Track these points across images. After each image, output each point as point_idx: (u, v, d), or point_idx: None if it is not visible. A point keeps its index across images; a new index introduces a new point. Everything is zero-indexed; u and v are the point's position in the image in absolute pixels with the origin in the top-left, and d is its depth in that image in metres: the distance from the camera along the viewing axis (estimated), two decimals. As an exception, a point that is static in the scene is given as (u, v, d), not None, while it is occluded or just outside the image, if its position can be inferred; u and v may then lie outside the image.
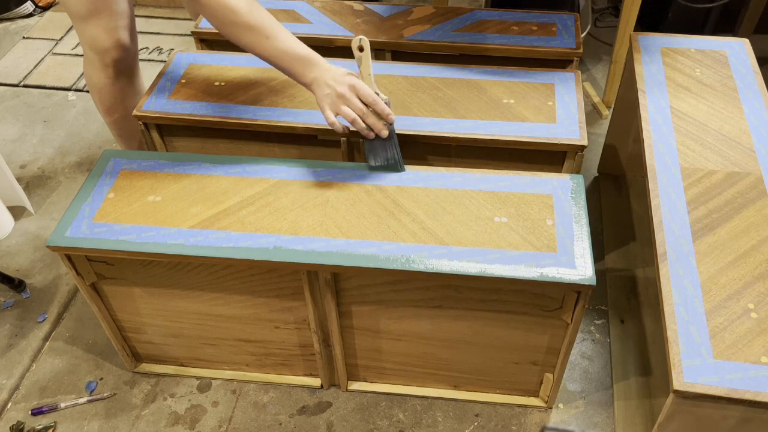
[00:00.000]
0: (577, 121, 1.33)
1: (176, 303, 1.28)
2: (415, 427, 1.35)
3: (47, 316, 1.57)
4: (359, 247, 1.11)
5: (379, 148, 1.23)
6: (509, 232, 1.13)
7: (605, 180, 1.86)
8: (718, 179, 1.24)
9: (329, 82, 1.16)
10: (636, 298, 1.55)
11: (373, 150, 1.24)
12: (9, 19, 2.66)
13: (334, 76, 1.16)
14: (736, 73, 1.49)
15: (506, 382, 1.35)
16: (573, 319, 1.14)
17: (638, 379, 1.39)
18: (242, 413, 1.39)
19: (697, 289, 1.06)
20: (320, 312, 1.24)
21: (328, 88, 1.16)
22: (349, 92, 1.15)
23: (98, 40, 1.45)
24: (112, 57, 1.48)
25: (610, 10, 2.59)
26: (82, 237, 1.15)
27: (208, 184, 1.23)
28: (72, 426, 1.37)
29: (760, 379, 0.95)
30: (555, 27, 1.60)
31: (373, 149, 1.24)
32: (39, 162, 2.01)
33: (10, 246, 1.75)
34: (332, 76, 1.16)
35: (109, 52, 1.47)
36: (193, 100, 1.41)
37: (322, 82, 1.17)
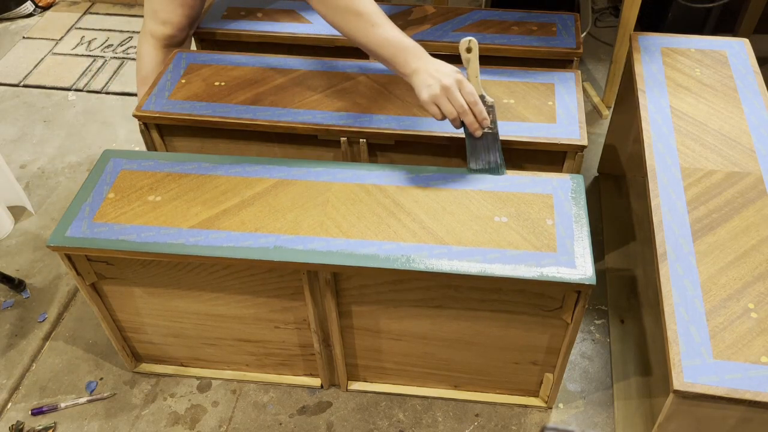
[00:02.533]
0: (577, 121, 1.33)
1: (176, 303, 1.28)
2: (415, 427, 1.35)
3: (47, 316, 1.57)
4: (359, 247, 1.11)
5: (482, 150, 1.21)
6: (509, 231, 1.13)
7: (605, 180, 1.86)
8: (718, 179, 1.24)
9: (434, 73, 1.15)
10: (636, 298, 1.55)
11: (475, 152, 1.22)
12: (9, 19, 2.66)
13: (440, 69, 1.15)
14: (736, 73, 1.49)
15: (506, 382, 1.35)
16: (573, 319, 1.14)
17: (638, 379, 1.39)
18: (242, 413, 1.39)
19: (697, 289, 1.06)
20: (320, 312, 1.24)
21: (432, 79, 1.15)
22: (454, 86, 1.14)
23: (159, 12, 1.53)
24: (165, 32, 1.55)
25: (610, 10, 2.59)
26: (82, 237, 1.15)
27: (208, 184, 1.23)
28: (72, 426, 1.37)
29: (760, 379, 0.95)
30: (555, 27, 1.60)
31: (476, 151, 1.22)
32: (39, 162, 2.01)
33: (10, 246, 1.75)
34: (437, 68, 1.15)
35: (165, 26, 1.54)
36: (193, 100, 1.41)
37: (426, 72, 1.15)
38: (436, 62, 1.17)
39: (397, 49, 1.18)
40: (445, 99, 1.14)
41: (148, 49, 1.59)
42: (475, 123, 1.17)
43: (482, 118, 1.17)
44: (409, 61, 1.17)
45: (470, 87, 1.15)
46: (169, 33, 1.56)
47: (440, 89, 1.14)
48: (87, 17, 2.67)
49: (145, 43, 1.60)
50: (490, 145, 1.21)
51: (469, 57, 1.19)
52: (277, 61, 1.51)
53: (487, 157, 1.22)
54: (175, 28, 1.56)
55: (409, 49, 1.17)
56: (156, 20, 1.55)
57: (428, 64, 1.16)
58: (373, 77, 1.46)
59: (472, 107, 1.16)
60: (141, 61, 1.62)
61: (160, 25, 1.55)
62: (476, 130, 1.18)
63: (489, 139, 1.21)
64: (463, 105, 1.15)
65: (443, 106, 1.15)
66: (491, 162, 1.23)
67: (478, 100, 1.16)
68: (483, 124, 1.18)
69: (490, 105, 1.19)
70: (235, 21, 1.66)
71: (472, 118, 1.17)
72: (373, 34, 1.18)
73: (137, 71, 1.65)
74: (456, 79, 1.14)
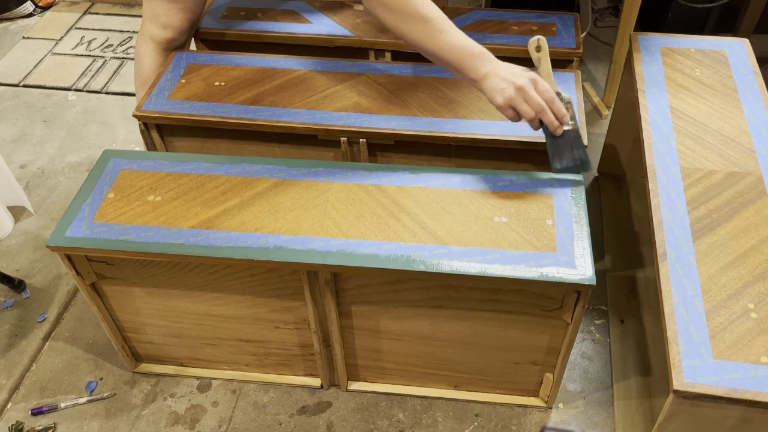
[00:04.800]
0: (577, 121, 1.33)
1: (176, 303, 1.28)
2: (415, 427, 1.35)
3: (47, 316, 1.57)
4: (359, 247, 1.11)
5: (565, 147, 1.17)
6: (509, 232, 1.13)
7: (605, 180, 1.86)
8: (718, 179, 1.24)
9: (506, 76, 1.12)
10: (636, 298, 1.55)
11: (558, 150, 1.18)
12: (9, 19, 2.66)
13: (512, 71, 1.13)
14: (736, 73, 1.49)
15: (506, 382, 1.35)
16: (573, 319, 1.14)
17: (638, 379, 1.39)
18: (242, 413, 1.39)
19: (697, 289, 1.06)
20: (320, 312, 1.24)
21: (505, 82, 1.12)
22: (529, 85, 1.11)
23: (160, 16, 1.52)
24: (166, 36, 1.54)
25: (610, 10, 2.59)
26: (82, 237, 1.15)
27: (208, 184, 1.23)
28: (72, 426, 1.37)
29: (760, 379, 0.95)
30: (555, 27, 1.60)
31: (558, 150, 1.18)
32: (39, 162, 2.01)
33: (10, 246, 1.75)
34: (509, 70, 1.13)
35: (166, 30, 1.54)
36: (193, 100, 1.41)
37: (497, 76, 1.13)
38: (506, 65, 1.14)
39: (465, 55, 1.15)
40: (521, 100, 1.12)
41: (148, 52, 1.59)
42: (555, 121, 1.14)
43: (561, 114, 1.14)
44: (479, 67, 1.14)
45: (545, 85, 1.12)
46: (170, 37, 1.55)
47: (515, 91, 1.11)
48: (87, 17, 2.67)
49: (145, 46, 1.59)
50: (573, 141, 1.17)
51: (539, 56, 1.17)
52: (277, 61, 1.51)
53: (571, 154, 1.18)
54: (177, 32, 1.55)
55: (477, 55, 1.15)
56: (157, 24, 1.54)
57: (498, 67, 1.14)
58: (373, 77, 1.46)
59: (549, 105, 1.13)
60: (140, 64, 1.61)
61: (161, 29, 1.54)
62: (557, 128, 1.15)
63: (571, 136, 1.17)
64: (540, 103, 1.12)
65: (520, 107, 1.12)
66: (576, 158, 1.18)
67: (555, 97, 1.13)
68: (563, 121, 1.15)
69: (567, 101, 1.16)
70: (235, 21, 1.66)
71: (551, 117, 1.13)
72: (441, 40, 1.15)
73: (136, 74, 1.64)
74: (530, 78, 1.12)
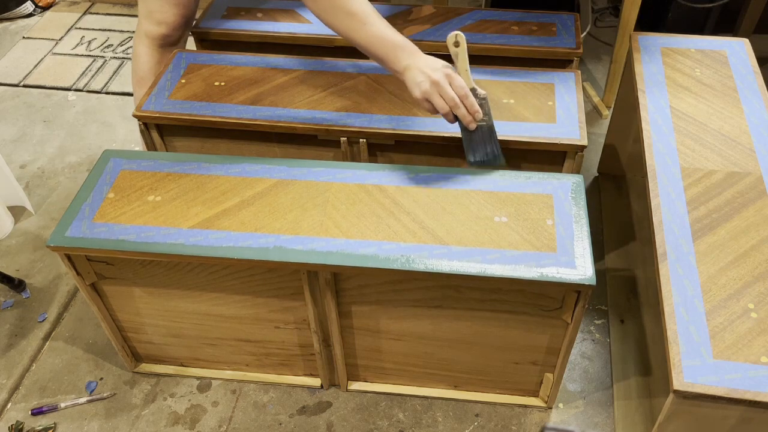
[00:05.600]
0: (577, 121, 1.33)
1: (176, 303, 1.28)
2: (415, 427, 1.35)
3: (47, 316, 1.57)
4: (359, 247, 1.11)
5: (478, 142, 1.21)
6: (509, 232, 1.13)
7: (605, 180, 1.86)
8: (718, 179, 1.24)
9: (424, 69, 1.15)
10: (636, 298, 1.55)
11: (472, 145, 1.22)
12: (9, 19, 2.66)
13: (429, 64, 1.16)
14: (736, 73, 1.49)
15: (506, 382, 1.35)
16: (573, 319, 1.14)
17: (638, 379, 1.39)
18: (242, 413, 1.39)
19: (697, 289, 1.06)
20: (320, 312, 1.24)
21: (422, 75, 1.15)
22: (444, 80, 1.14)
23: (154, 13, 1.54)
24: (160, 32, 1.56)
25: (610, 10, 2.59)
26: (82, 237, 1.15)
27: (208, 184, 1.23)
28: (72, 426, 1.37)
29: (760, 379, 0.95)
30: (555, 27, 1.60)
31: (472, 144, 1.22)
32: (39, 162, 2.01)
33: (10, 246, 1.75)
34: (427, 63, 1.16)
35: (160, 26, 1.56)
36: (193, 100, 1.41)
37: (417, 69, 1.16)
38: (426, 58, 1.17)
39: (389, 47, 1.18)
40: (436, 94, 1.15)
41: (144, 50, 1.60)
42: (468, 116, 1.17)
43: (474, 110, 1.17)
44: (401, 59, 1.17)
45: (460, 80, 1.16)
46: (164, 33, 1.57)
47: (430, 85, 1.14)
48: (87, 17, 2.67)
49: (141, 44, 1.61)
50: (486, 137, 1.21)
51: (457, 51, 1.19)
52: (277, 61, 1.51)
53: (484, 149, 1.22)
54: (171, 28, 1.57)
55: (401, 47, 1.18)
56: (151, 21, 1.56)
57: (419, 60, 1.16)
58: (373, 77, 1.46)
59: (463, 100, 1.16)
60: (137, 62, 1.63)
61: (156, 26, 1.56)
62: (470, 122, 1.18)
63: (484, 131, 1.21)
64: (454, 98, 1.15)
65: (435, 101, 1.15)
66: (489, 153, 1.22)
67: (469, 93, 1.16)
68: (476, 116, 1.18)
69: (483, 97, 1.19)
70: (235, 21, 1.66)
71: (465, 111, 1.17)
72: (366, 32, 1.18)
73: (133, 72, 1.66)
74: (445, 73, 1.14)
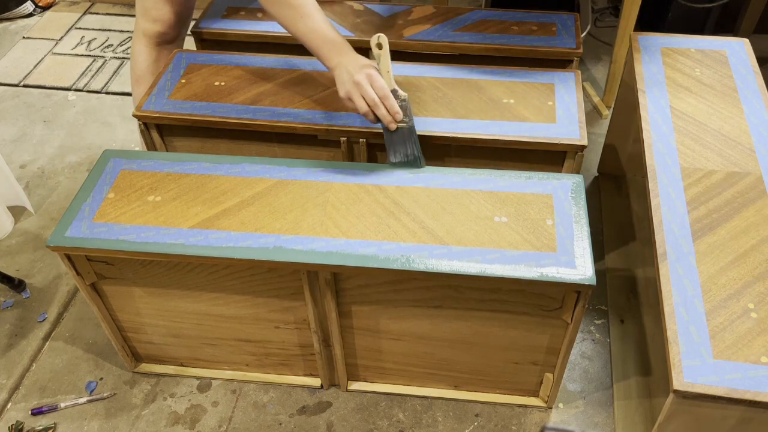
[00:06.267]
0: (577, 121, 1.33)
1: (176, 303, 1.28)
2: (415, 427, 1.35)
3: (47, 316, 1.57)
4: (359, 247, 1.11)
5: (399, 143, 1.23)
6: (509, 231, 1.13)
7: (605, 180, 1.86)
8: (718, 179, 1.24)
9: (349, 68, 1.18)
10: (636, 298, 1.55)
11: (393, 146, 1.24)
12: (9, 19, 2.66)
13: (356, 65, 1.18)
14: (736, 73, 1.49)
15: (506, 382, 1.35)
16: (573, 319, 1.14)
17: (638, 379, 1.39)
18: (242, 413, 1.39)
19: (697, 289, 1.06)
20: (320, 312, 1.24)
21: (347, 74, 1.18)
22: (365, 81, 1.17)
23: (150, 10, 1.56)
24: (156, 30, 1.58)
25: (610, 10, 2.59)
26: (82, 237, 1.15)
27: (208, 184, 1.23)
28: (72, 426, 1.37)
29: (760, 379, 0.95)
30: (555, 27, 1.60)
31: (393, 145, 1.24)
32: (39, 162, 2.01)
33: (10, 246, 1.75)
34: (355, 64, 1.18)
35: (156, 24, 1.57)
36: (193, 100, 1.41)
37: (343, 68, 1.19)
38: (354, 58, 1.19)
39: (322, 42, 1.21)
40: (357, 94, 1.18)
41: (141, 48, 1.62)
42: (387, 116, 1.20)
43: (394, 111, 1.19)
44: (332, 56, 1.20)
45: (381, 81, 1.18)
46: (160, 30, 1.58)
47: (352, 85, 1.17)
48: (87, 17, 2.67)
49: (138, 42, 1.62)
50: (406, 138, 1.23)
51: (380, 53, 1.22)
52: (277, 61, 1.51)
53: (404, 150, 1.24)
54: (166, 25, 1.58)
55: (333, 43, 1.21)
56: (147, 18, 1.57)
57: (347, 60, 1.19)
58: (373, 77, 1.46)
59: (383, 101, 1.18)
60: (135, 61, 1.65)
61: (151, 23, 1.57)
62: (390, 123, 1.20)
63: (405, 132, 1.23)
64: (374, 99, 1.17)
65: (355, 100, 1.18)
66: (409, 154, 1.24)
67: (389, 94, 1.18)
68: (396, 117, 1.20)
69: (403, 99, 1.21)
70: (235, 21, 1.66)
71: (384, 112, 1.19)
72: (302, 25, 1.21)
73: (131, 70, 1.67)
74: (367, 74, 1.17)
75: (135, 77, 1.67)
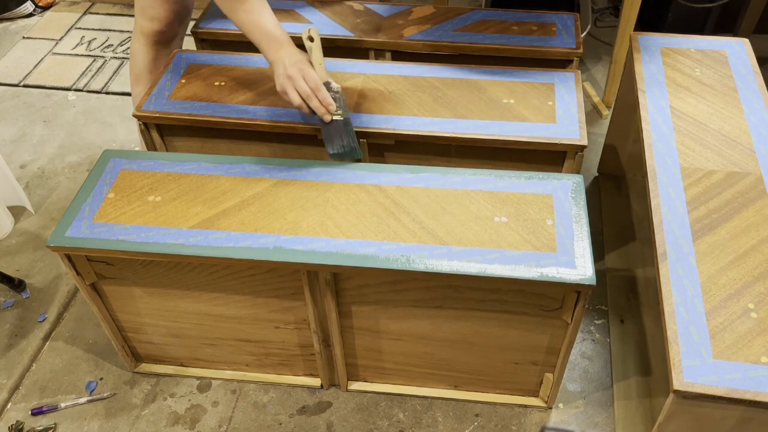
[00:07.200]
0: (577, 121, 1.33)
1: (176, 303, 1.28)
2: (415, 427, 1.35)
3: (47, 316, 1.57)
4: (359, 247, 1.11)
5: (335, 135, 1.26)
6: (509, 232, 1.13)
7: (605, 180, 1.86)
8: (718, 179, 1.24)
9: (285, 63, 1.21)
10: (636, 298, 1.55)
11: (329, 138, 1.26)
12: (9, 19, 2.66)
13: (291, 60, 1.21)
14: (736, 73, 1.49)
15: (506, 382, 1.35)
16: (573, 319, 1.14)
17: (638, 379, 1.39)
18: (242, 413, 1.39)
19: (697, 289, 1.06)
20: (320, 312, 1.24)
21: (282, 68, 1.21)
22: (297, 74, 1.20)
23: (147, 9, 1.57)
24: (153, 28, 1.59)
25: (610, 10, 2.59)
26: (82, 237, 1.15)
27: (208, 184, 1.23)
28: (72, 426, 1.37)
29: (760, 379, 0.95)
30: (555, 27, 1.60)
31: (329, 137, 1.26)
32: (39, 162, 2.01)
33: (10, 246, 1.75)
34: (290, 59, 1.21)
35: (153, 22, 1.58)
36: (193, 100, 1.41)
37: (279, 62, 1.22)
38: (290, 53, 1.22)
39: (262, 36, 1.23)
40: (291, 88, 1.20)
41: (139, 47, 1.63)
42: (321, 108, 1.22)
43: (327, 103, 1.22)
44: (270, 50, 1.23)
45: (313, 74, 1.20)
46: (157, 29, 1.59)
47: (285, 79, 1.20)
48: (87, 17, 2.67)
49: (137, 41, 1.63)
50: (342, 130, 1.25)
51: (311, 46, 1.25)
52: (277, 61, 1.51)
53: (340, 141, 1.26)
54: (163, 24, 1.58)
55: (272, 38, 1.23)
56: (145, 17, 1.58)
57: (284, 55, 1.22)
58: (373, 77, 1.46)
59: (315, 93, 1.20)
60: (133, 59, 1.66)
61: (149, 22, 1.58)
62: (324, 114, 1.23)
63: (340, 124, 1.25)
64: (306, 91, 1.20)
65: (289, 93, 1.21)
66: (345, 146, 1.26)
67: (321, 87, 1.21)
68: (329, 109, 1.23)
69: (336, 91, 1.24)
70: (235, 21, 1.66)
71: (317, 104, 1.21)
72: (243, 17, 1.24)
73: (130, 69, 1.68)
74: (299, 68, 1.20)
75: (134, 76, 1.68)
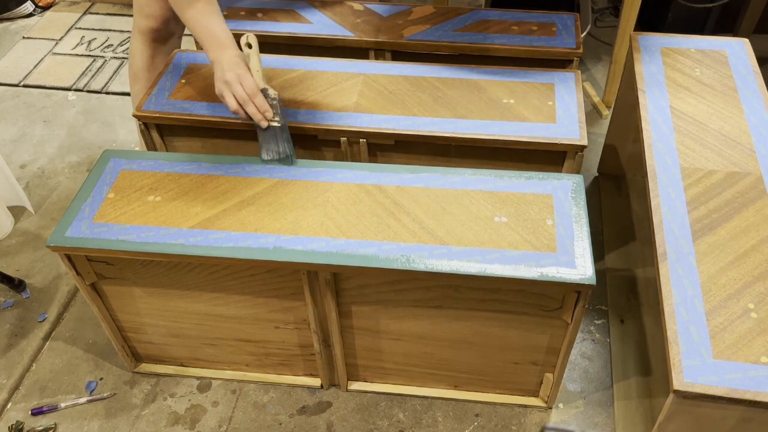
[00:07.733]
0: (577, 121, 1.33)
1: (176, 303, 1.28)
2: (415, 427, 1.35)
3: (47, 316, 1.57)
4: (359, 247, 1.11)
5: (271, 141, 1.25)
6: (509, 232, 1.13)
7: (605, 180, 1.86)
8: (718, 179, 1.24)
9: (223, 65, 1.21)
10: (636, 298, 1.55)
11: (265, 143, 1.26)
12: (9, 19, 2.66)
13: (230, 63, 1.21)
14: (736, 73, 1.49)
15: (506, 382, 1.35)
16: (573, 319, 1.14)
17: (638, 379, 1.39)
18: (242, 413, 1.39)
19: (697, 289, 1.06)
20: (320, 312, 1.24)
21: (220, 71, 1.22)
22: (234, 79, 1.20)
23: (143, 7, 1.57)
24: (150, 26, 1.59)
25: (610, 10, 2.59)
26: (82, 237, 1.15)
27: (208, 184, 1.23)
28: (72, 426, 1.37)
29: (760, 379, 0.95)
30: (555, 27, 1.60)
31: (265, 143, 1.26)
32: (39, 162, 2.01)
33: (10, 246, 1.75)
34: (229, 62, 1.21)
35: (149, 20, 1.58)
36: (193, 100, 1.41)
37: (219, 65, 1.22)
38: (230, 57, 1.22)
39: (205, 36, 1.24)
40: (228, 92, 1.21)
41: (138, 45, 1.63)
42: (257, 114, 1.22)
43: (264, 109, 1.22)
44: (211, 51, 1.24)
45: (250, 80, 1.21)
46: (153, 26, 1.59)
47: (222, 83, 1.21)
48: (87, 17, 2.67)
49: (135, 40, 1.64)
50: (278, 136, 1.25)
51: (249, 52, 1.25)
52: (277, 61, 1.51)
53: (276, 147, 1.26)
54: (159, 21, 1.59)
55: (214, 38, 1.24)
56: (141, 15, 1.59)
57: (223, 57, 1.22)
58: (373, 77, 1.46)
59: (252, 99, 1.21)
60: (132, 58, 1.67)
61: (145, 19, 1.59)
62: (260, 120, 1.23)
63: (276, 131, 1.25)
64: (243, 97, 1.20)
65: (226, 98, 1.21)
66: (280, 152, 1.26)
67: (258, 93, 1.21)
68: (266, 115, 1.23)
69: (273, 98, 1.24)
70: (235, 21, 1.66)
71: (254, 110, 1.22)
72: (189, 15, 1.25)
73: (129, 68, 1.69)
74: (237, 73, 1.20)
75: (132, 74, 1.68)
